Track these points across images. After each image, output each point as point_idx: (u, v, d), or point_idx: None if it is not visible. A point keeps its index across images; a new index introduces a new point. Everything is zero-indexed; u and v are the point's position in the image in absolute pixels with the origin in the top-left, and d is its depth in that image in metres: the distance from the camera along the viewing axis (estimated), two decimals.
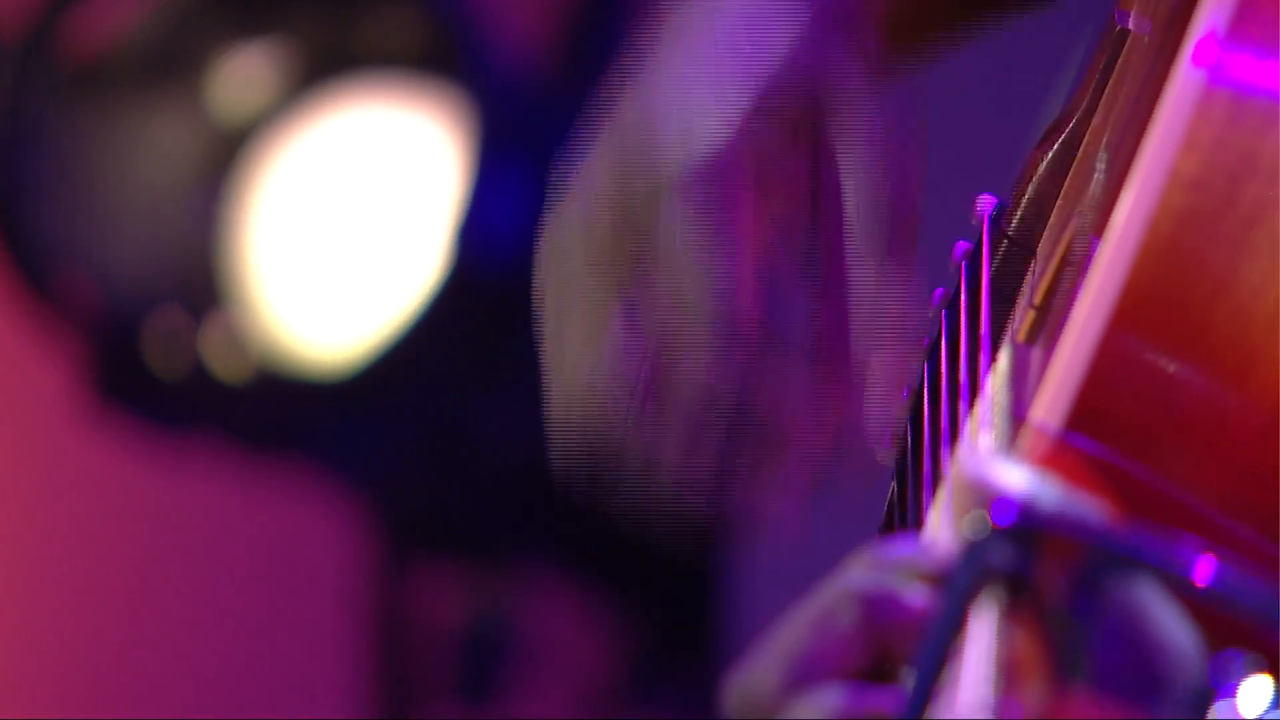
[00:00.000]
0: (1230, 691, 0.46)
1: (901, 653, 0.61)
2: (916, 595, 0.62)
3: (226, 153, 2.94)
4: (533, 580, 3.10)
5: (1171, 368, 0.67)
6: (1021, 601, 0.52)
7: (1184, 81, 0.68)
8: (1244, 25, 0.68)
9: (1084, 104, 0.87)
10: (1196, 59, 0.67)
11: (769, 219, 0.86)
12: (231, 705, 3.15)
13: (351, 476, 3.06)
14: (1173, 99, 0.68)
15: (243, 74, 2.94)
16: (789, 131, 0.86)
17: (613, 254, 0.87)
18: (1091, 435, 0.68)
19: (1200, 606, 0.55)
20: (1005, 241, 0.90)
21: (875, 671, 0.63)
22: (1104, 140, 0.79)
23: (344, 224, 2.94)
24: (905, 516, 0.88)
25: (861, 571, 0.64)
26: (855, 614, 0.62)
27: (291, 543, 3.15)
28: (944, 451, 0.86)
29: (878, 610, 0.62)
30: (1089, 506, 0.56)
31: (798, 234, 0.87)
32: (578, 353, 0.87)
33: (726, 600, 2.97)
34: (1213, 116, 0.67)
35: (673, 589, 3.11)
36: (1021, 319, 0.83)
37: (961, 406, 0.84)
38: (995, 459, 0.72)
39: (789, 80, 0.87)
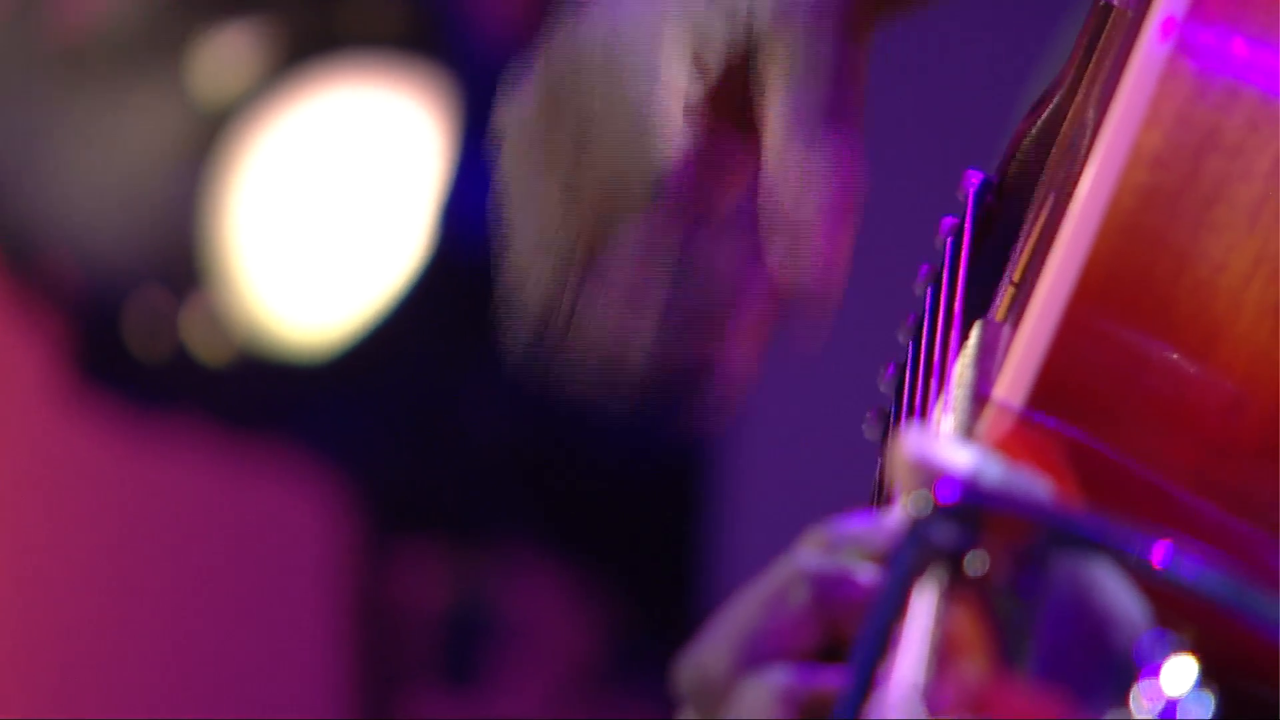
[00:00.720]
0: (1154, 671, 0.46)
1: (852, 632, 0.61)
2: (867, 574, 0.61)
3: (208, 134, 2.93)
4: (515, 563, 3.10)
5: (1135, 345, 0.67)
6: (964, 581, 0.51)
7: (1147, 57, 0.67)
8: (1208, 3, 0.67)
9: (1069, 79, 0.87)
10: (1160, 35, 0.67)
11: (701, 88, 0.86)
12: (214, 688, 3.15)
13: (333, 459, 3.06)
14: (1135, 74, 0.68)
15: (224, 55, 2.93)
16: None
17: (547, 132, 0.89)
18: (1054, 413, 0.68)
19: (1150, 587, 0.55)
20: (991, 218, 0.90)
21: (827, 651, 0.62)
22: (1087, 116, 0.79)
23: (325, 205, 2.94)
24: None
25: (812, 550, 0.64)
26: (806, 593, 0.62)
27: (273, 525, 3.15)
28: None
29: (828, 589, 0.61)
30: (1036, 485, 0.56)
31: (729, 101, 0.86)
32: (522, 233, 0.88)
33: (707, 580, 2.97)
34: (1175, 92, 0.66)
35: (654, 570, 3.12)
36: (1002, 296, 0.83)
37: (947, 383, 0.84)
38: (939, 436, 0.72)
39: None
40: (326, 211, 2.95)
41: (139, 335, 2.89)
